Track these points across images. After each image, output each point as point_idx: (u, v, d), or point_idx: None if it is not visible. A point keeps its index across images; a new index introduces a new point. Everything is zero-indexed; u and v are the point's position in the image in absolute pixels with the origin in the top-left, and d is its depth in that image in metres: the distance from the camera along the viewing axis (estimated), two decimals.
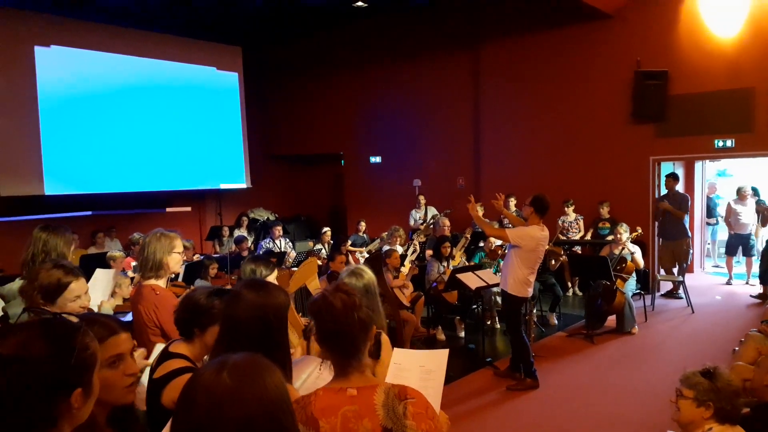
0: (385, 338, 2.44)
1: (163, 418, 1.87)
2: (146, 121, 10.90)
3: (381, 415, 1.61)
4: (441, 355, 2.13)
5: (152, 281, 3.04)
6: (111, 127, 10.39)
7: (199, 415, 1.03)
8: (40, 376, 1.10)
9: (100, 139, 10.25)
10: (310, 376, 2.01)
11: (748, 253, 9.29)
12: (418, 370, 2.10)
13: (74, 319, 1.28)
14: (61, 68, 9.83)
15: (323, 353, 1.76)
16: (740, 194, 9.44)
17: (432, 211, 10.14)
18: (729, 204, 9.54)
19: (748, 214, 9.30)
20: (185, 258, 3.99)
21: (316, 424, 1.59)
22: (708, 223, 10.96)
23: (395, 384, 1.73)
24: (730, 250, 9.47)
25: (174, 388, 1.94)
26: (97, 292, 3.61)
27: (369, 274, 2.73)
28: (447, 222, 8.56)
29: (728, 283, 9.47)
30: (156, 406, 1.95)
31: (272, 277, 2.99)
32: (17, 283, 3.31)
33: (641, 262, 7.54)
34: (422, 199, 10.31)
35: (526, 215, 5.55)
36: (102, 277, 3.81)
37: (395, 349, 2.23)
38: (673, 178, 8.59)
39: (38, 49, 9.57)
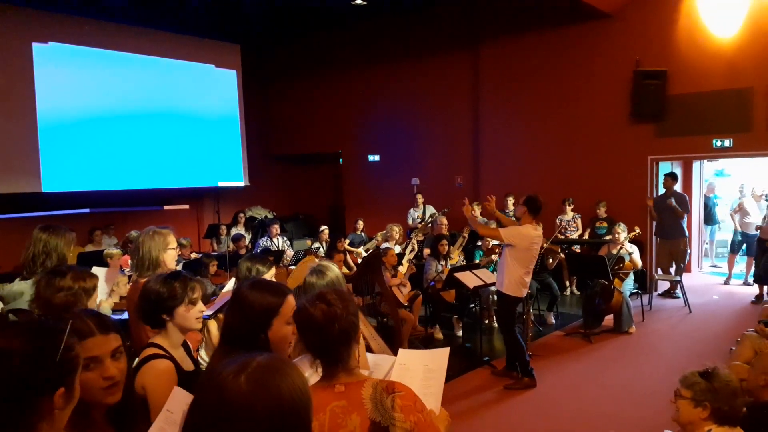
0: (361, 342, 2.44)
1: (138, 406, 1.93)
2: (144, 118, 10.88)
3: (369, 408, 1.62)
4: (442, 354, 2.16)
5: None
6: (109, 125, 10.37)
7: (210, 413, 1.03)
8: (20, 373, 1.08)
9: (97, 136, 10.23)
10: (311, 376, 2.01)
11: (752, 252, 9.26)
12: (422, 369, 2.13)
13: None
14: (58, 65, 9.81)
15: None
16: (754, 194, 9.48)
17: (430, 209, 10.12)
18: (742, 201, 9.58)
19: (756, 215, 9.32)
20: (179, 253, 3.98)
21: None
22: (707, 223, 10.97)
23: (383, 379, 1.75)
24: (734, 247, 9.48)
25: (142, 374, 2.03)
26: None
27: (333, 271, 2.68)
28: (445, 221, 8.58)
29: (726, 282, 9.47)
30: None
31: (269, 275, 2.99)
32: (17, 285, 3.30)
33: (639, 262, 7.53)
34: (420, 198, 10.30)
35: (519, 215, 5.54)
36: (99, 275, 3.77)
37: (400, 350, 2.25)
38: (672, 177, 8.58)
39: (36, 46, 9.55)
